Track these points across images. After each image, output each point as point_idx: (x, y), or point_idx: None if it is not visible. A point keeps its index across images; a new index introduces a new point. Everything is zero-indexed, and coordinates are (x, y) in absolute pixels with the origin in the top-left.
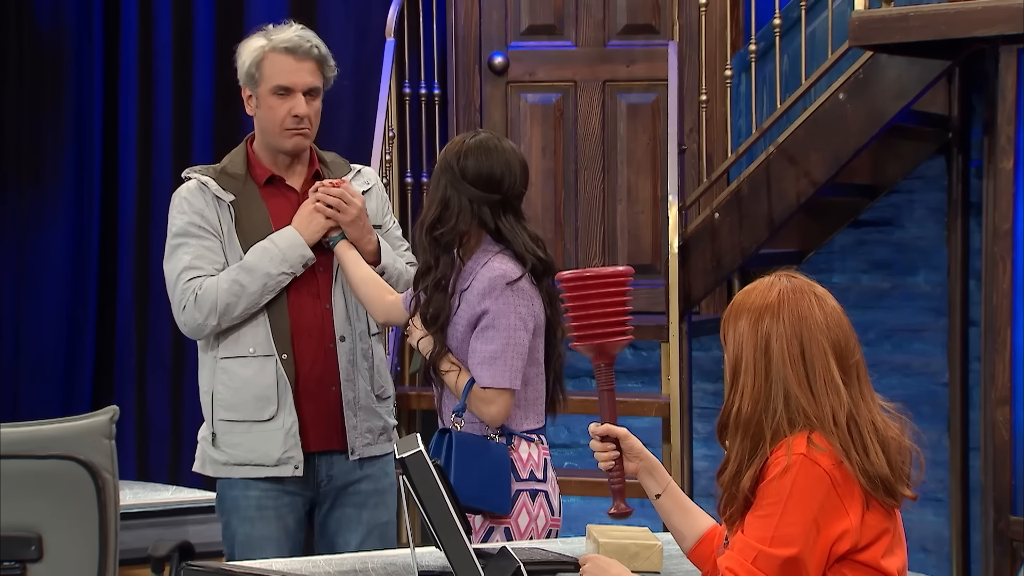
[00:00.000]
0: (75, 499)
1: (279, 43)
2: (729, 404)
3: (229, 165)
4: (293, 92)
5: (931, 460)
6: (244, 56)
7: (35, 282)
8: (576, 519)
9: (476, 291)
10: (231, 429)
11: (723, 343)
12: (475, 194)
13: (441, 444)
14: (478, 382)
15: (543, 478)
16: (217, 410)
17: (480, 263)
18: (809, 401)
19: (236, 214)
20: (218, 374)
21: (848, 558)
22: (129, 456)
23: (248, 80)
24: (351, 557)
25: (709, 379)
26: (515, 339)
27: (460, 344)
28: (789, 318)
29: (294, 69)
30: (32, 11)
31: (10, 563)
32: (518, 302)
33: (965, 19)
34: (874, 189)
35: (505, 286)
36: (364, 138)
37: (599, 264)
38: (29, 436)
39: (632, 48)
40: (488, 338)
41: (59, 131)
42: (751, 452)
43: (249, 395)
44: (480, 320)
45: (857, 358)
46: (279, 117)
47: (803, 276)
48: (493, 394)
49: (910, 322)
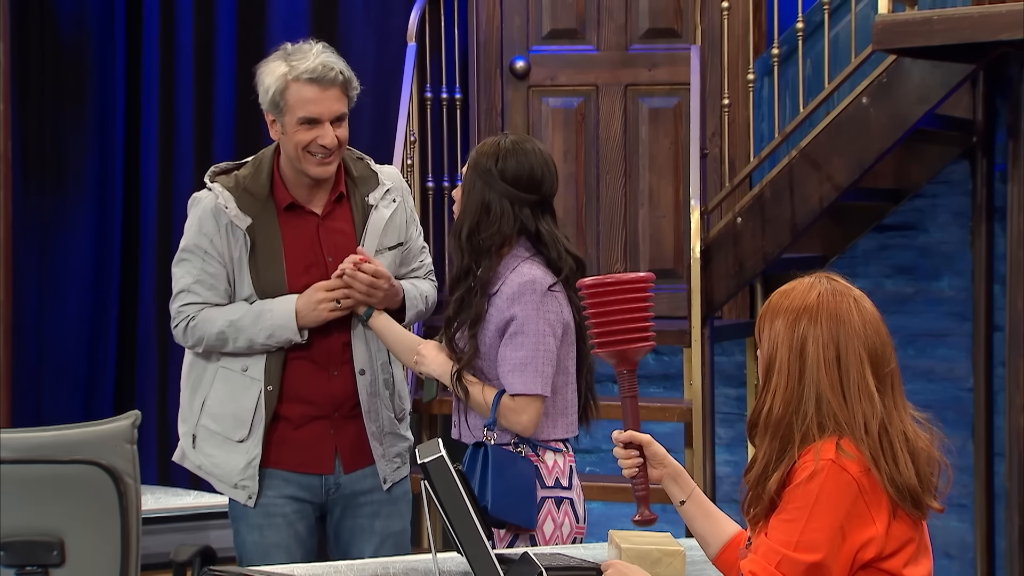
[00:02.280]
0: (97, 504)
1: (303, 73)
2: (760, 403)
3: (251, 181)
4: (320, 122)
5: (955, 466)
6: (267, 82)
7: (57, 286)
8: (598, 525)
9: (505, 296)
10: (208, 438)
11: (758, 341)
12: (516, 195)
13: (476, 458)
14: (509, 389)
15: (568, 485)
16: (203, 415)
17: (510, 268)
18: (841, 406)
19: (251, 240)
20: (215, 382)
21: (872, 566)
22: (151, 461)
23: (272, 108)
24: (372, 562)
25: (731, 384)
26: (544, 345)
27: (488, 350)
28: (827, 322)
29: (319, 99)
30: (55, 16)
31: (32, 568)
32: (547, 308)
33: (989, 23)
34: (898, 193)
35: (534, 292)
36: (386, 142)
37: (621, 269)
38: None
39: (654, 52)
40: (517, 344)
41: (81, 135)
42: (779, 453)
43: (230, 411)
44: (508, 326)
45: (892, 366)
46: (304, 145)
47: (843, 279)
48: (524, 402)
49: (934, 327)
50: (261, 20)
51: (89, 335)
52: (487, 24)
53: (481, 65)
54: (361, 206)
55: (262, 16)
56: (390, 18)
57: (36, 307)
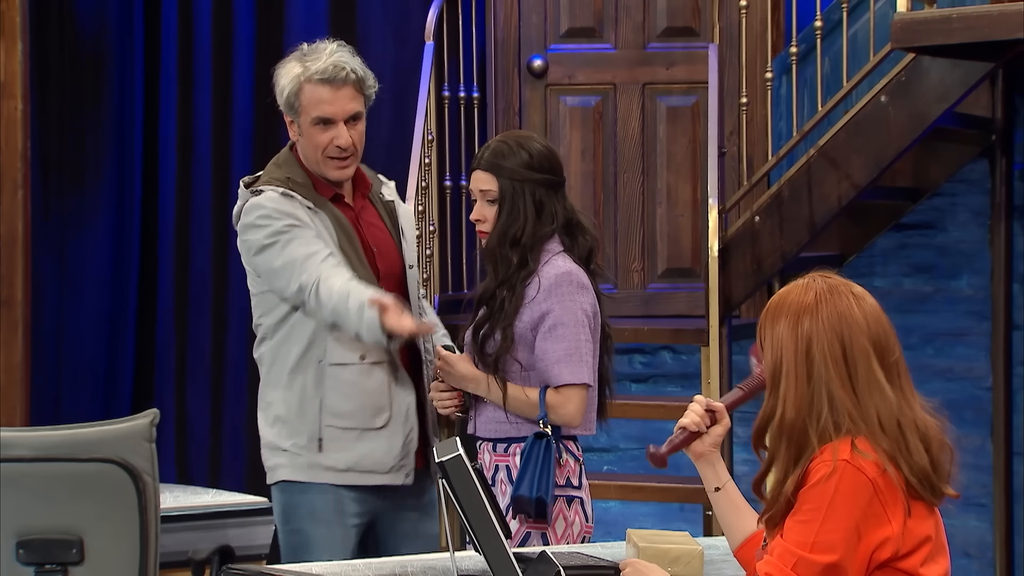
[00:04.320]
0: (116, 502)
1: (315, 73)
2: (769, 409)
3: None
4: (335, 122)
5: (974, 465)
6: (282, 84)
7: (76, 285)
8: (615, 523)
9: (540, 289)
10: (340, 436)
11: (759, 346)
12: (551, 181)
13: (539, 448)
14: (555, 380)
15: (579, 484)
16: (326, 416)
17: (541, 262)
18: (854, 402)
19: (333, 223)
20: (326, 380)
21: (889, 565)
22: (169, 459)
23: (288, 109)
24: (390, 561)
25: None
26: (584, 335)
27: (517, 343)
28: (828, 318)
29: (332, 99)
30: (74, 16)
31: (52, 566)
32: (583, 300)
33: (1008, 21)
34: (916, 192)
35: (569, 284)
36: (403, 141)
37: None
38: (70, 439)
39: (672, 51)
40: (558, 336)
41: (100, 135)
42: (796, 458)
43: (360, 402)
44: (543, 320)
45: (897, 355)
46: (322, 147)
47: (838, 275)
48: (570, 393)
49: (952, 326)
50: (280, 20)
51: (108, 334)
52: (505, 23)
53: (499, 64)
54: (380, 202)
55: (281, 16)
56: (408, 17)
57: (55, 306)
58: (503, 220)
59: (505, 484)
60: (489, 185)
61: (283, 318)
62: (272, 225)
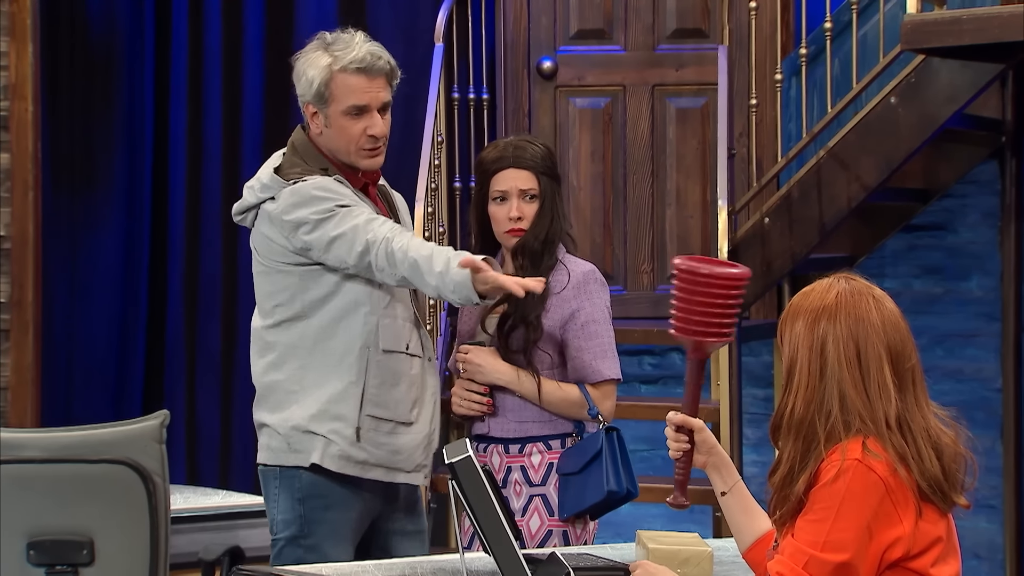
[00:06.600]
0: (126, 503)
1: (350, 63)
2: (783, 405)
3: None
4: (369, 111)
5: (984, 467)
6: (311, 74)
7: (86, 286)
8: (625, 525)
9: (569, 286)
10: (377, 427)
11: (780, 344)
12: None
13: (612, 442)
14: (595, 376)
15: (543, 482)
16: (367, 405)
17: (557, 258)
18: (865, 404)
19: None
20: (372, 367)
21: (899, 565)
22: (179, 460)
23: (317, 99)
24: (400, 562)
25: (759, 384)
26: (612, 332)
27: (544, 342)
28: (846, 320)
29: (367, 87)
30: (84, 17)
31: (62, 567)
32: (605, 297)
33: (1018, 22)
34: (926, 193)
35: (595, 281)
36: (413, 143)
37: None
38: (81, 440)
39: (681, 52)
40: (591, 333)
41: (110, 135)
42: (803, 454)
43: (400, 394)
44: (575, 317)
45: (913, 363)
46: (354, 137)
47: (862, 278)
48: (609, 388)
49: (963, 327)
50: (289, 22)
51: (118, 335)
52: (514, 24)
53: (508, 65)
54: (381, 192)
55: (290, 18)
56: (417, 19)
57: (65, 307)
58: (544, 218)
59: (521, 485)
60: (531, 184)
61: (324, 297)
62: (328, 201)
